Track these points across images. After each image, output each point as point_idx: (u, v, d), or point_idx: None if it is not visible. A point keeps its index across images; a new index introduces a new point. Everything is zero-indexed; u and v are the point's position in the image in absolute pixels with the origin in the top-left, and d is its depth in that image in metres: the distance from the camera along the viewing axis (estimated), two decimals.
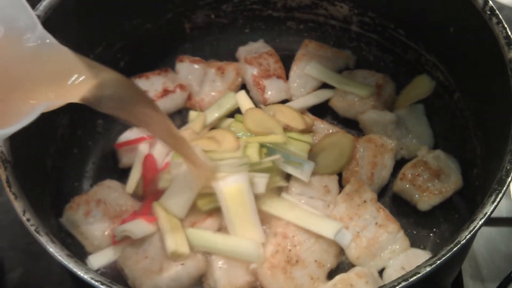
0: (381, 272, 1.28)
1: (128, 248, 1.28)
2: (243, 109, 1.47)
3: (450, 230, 1.32)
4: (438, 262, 0.93)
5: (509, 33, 1.17)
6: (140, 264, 1.25)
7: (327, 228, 1.27)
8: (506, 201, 1.54)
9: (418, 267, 0.93)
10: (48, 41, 1.00)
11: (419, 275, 0.92)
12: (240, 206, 1.27)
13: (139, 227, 1.29)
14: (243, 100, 1.50)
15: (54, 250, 0.99)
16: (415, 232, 1.35)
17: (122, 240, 1.29)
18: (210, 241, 1.27)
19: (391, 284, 0.91)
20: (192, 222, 1.31)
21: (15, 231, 1.54)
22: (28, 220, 1.03)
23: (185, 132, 1.43)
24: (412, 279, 0.92)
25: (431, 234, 1.34)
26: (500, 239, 1.50)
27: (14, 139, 1.14)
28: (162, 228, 1.27)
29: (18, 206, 1.04)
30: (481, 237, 1.48)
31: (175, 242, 1.25)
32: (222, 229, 1.30)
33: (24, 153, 1.18)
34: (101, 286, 0.94)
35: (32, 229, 1.01)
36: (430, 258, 0.94)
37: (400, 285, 0.92)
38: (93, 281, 0.94)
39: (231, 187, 1.26)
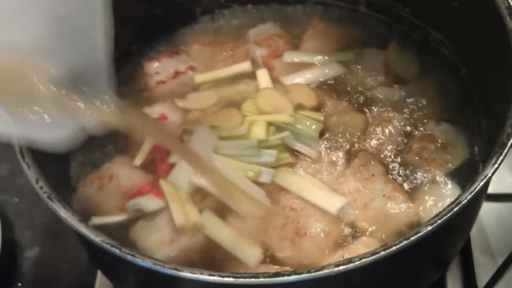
0: None
1: (140, 221, 1.31)
2: (260, 87, 1.49)
3: None
4: (439, 221, 0.94)
5: (511, 3, 1.18)
6: (152, 236, 1.28)
7: (331, 203, 1.29)
8: None
9: (419, 226, 0.95)
10: None
11: (420, 233, 0.94)
12: (230, 190, 1.29)
13: (150, 201, 1.32)
14: (262, 79, 1.51)
15: (66, 215, 1.02)
16: None
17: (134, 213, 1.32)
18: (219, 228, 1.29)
19: (393, 243, 0.93)
20: (202, 196, 1.33)
21: (33, 211, 1.59)
22: (41, 188, 1.06)
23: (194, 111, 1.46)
24: (413, 238, 0.93)
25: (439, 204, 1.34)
26: (509, 214, 1.51)
27: None
28: (169, 203, 1.30)
29: (31, 175, 1.07)
30: (491, 212, 1.50)
31: (183, 216, 1.28)
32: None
33: None
34: (112, 248, 0.96)
35: (44, 196, 1.04)
36: (431, 218, 0.95)
37: (401, 244, 0.93)
38: (104, 244, 0.97)
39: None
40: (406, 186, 1.35)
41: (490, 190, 1.48)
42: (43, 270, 1.53)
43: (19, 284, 1.50)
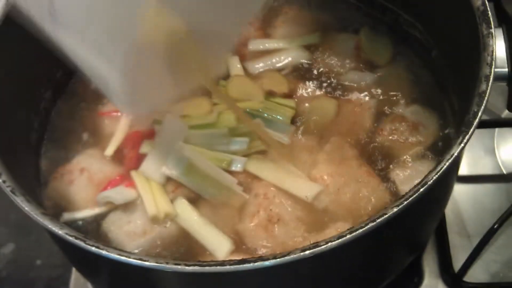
0: None
1: (112, 213, 1.30)
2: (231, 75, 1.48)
3: None
4: (405, 202, 0.94)
5: None
6: (124, 228, 1.27)
7: (305, 190, 1.29)
8: (491, 159, 1.55)
9: (386, 208, 0.94)
10: None
11: (386, 215, 0.93)
12: (202, 180, 1.30)
13: (121, 193, 1.30)
14: (234, 67, 1.50)
15: (29, 209, 1.00)
16: None
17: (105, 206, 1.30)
18: (191, 217, 1.28)
19: (358, 226, 0.92)
20: (175, 186, 1.32)
21: (7, 208, 1.57)
22: (4, 182, 1.04)
23: None
24: (379, 220, 0.92)
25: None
26: (485, 196, 1.52)
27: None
28: (141, 194, 1.29)
29: None
30: (466, 194, 1.50)
31: (155, 206, 1.27)
32: None
33: (4, 123, 1.20)
34: (76, 241, 0.95)
35: (7, 190, 1.03)
36: (397, 199, 0.95)
37: (368, 226, 0.92)
38: (67, 236, 0.96)
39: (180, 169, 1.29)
40: (379, 168, 1.34)
41: (465, 171, 1.49)
42: (18, 266, 1.52)
43: None
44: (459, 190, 1.47)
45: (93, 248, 0.94)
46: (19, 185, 1.06)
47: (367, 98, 1.43)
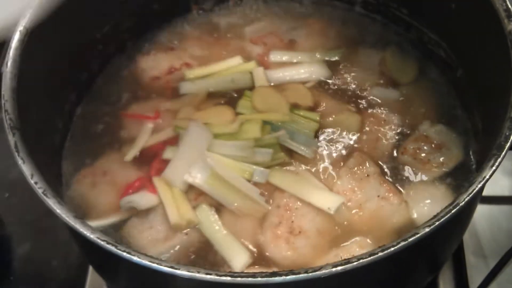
0: None
1: (134, 218, 1.30)
2: (256, 85, 1.49)
3: None
4: (437, 223, 0.94)
5: (509, 6, 1.18)
6: (145, 234, 1.27)
7: (328, 202, 1.29)
8: (509, 180, 1.55)
9: (417, 228, 0.94)
10: None
11: (418, 235, 0.93)
12: (225, 189, 1.29)
13: (143, 198, 1.31)
14: (259, 77, 1.50)
15: (61, 211, 1.00)
16: None
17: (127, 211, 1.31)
18: (212, 225, 1.28)
19: (390, 244, 0.92)
20: (196, 194, 1.32)
21: (24, 207, 1.57)
22: (36, 183, 1.04)
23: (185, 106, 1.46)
24: (411, 239, 0.93)
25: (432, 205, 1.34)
26: (502, 217, 1.52)
27: (22, 108, 1.17)
28: (163, 201, 1.29)
29: (26, 169, 1.05)
30: (483, 215, 1.50)
31: (177, 214, 1.28)
32: None
33: (32, 124, 1.20)
34: (107, 246, 0.95)
35: (39, 191, 1.03)
36: (429, 220, 0.95)
37: (400, 245, 0.92)
38: (99, 240, 0.96)
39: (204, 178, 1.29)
40: (400, 186, 1.34)
41: (483, 192, 1.48)
42: (34, 266, 1.51)
43: (11, 278, 1.49)
44: (476, 210, 1.46)
45: (125, 254, 0.95)
46: (47, 182, 1.06)
47: (390, 115, 1.42)
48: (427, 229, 0.94)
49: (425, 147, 1.37)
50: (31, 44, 1.24)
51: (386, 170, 1.37)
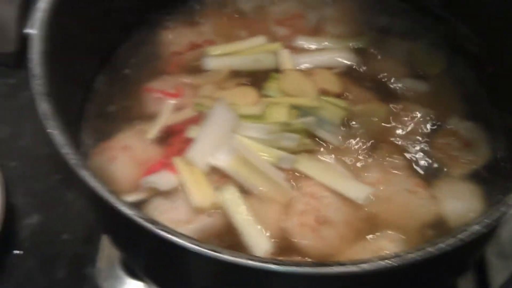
0: None
1: (155, 198, 1.26)
2: (282, 68, 1.44)
3: None
4: (491, 221, 0.91)
5: None
6: (168, 214, 1.23)
7: (356, 192, 1.26)
8: None
9: (467, 225, 0.92)
10: None
11: (466, 233, 0.90)
12: (250, 172, 1.25)
13: (165, 179, 1.26)
14: (285, 59, 1.46)
15: (95, 185, 0.96)
16: None
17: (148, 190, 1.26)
18: (237, 209, 1.24)
19: (445, 243, 0.89)
20: (219, 176, 1.28)
21: (34, 177, 1.52)
22: (67, 154, 0.99)
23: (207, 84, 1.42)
24: (463, 237, 0.90)
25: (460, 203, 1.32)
26: None
27: (50, 74, 1.12)
28: (185, 182, 1.25)
29: (58, 139, 1.01)
30: None
31: (200, 196, 1.23)
32: None
33: (58, 92, 1.15)
34: (145, 223, 0.91)
35: (72, 162, 0.98)
36: (481, 217, 0.92)
37: (437, 246, 0.90)
38: (136, 217, 0.92)
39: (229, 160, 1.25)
40: (428, 181, 1.31)
41: None
42: (43, 239, 1.47)
43: (16, 252, 1.43)
44: None
45: (162, 233, 0.91)
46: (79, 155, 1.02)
47: (419, 107, 1.40)
48: (477, 227, 0.91)
49: (454, 143, 1.35)
50: (60, 6, 1.18)
51: (414, 163, 1.34)
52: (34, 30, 1.14)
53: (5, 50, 1.06)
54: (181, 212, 1.23)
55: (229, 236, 1.24)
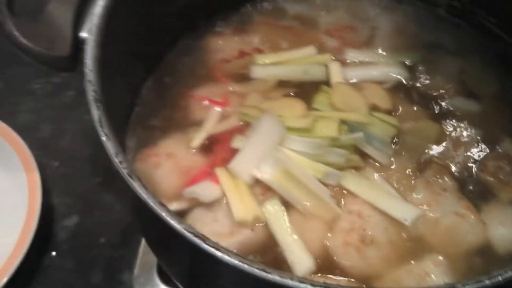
0: None
1: (197, 209, 1.24)
2: (332, 81, 1.41)
3: None
4: None
5: None
6: (209, 227, 1.21)
7: (404, 213, 1.23)
8: None
9: None
10: None
11: None
12: (295, 187, 1.22)
13: (208, 190, 1.24)
14: (335, 72, 1.43)
15: (146, 196, 0.94)
16: None
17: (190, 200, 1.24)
18: (282, 224, 1.21)
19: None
20: (263, 189, 1.25)
21: (74, 178, 1.51)
22: (120, 162, 0.98)
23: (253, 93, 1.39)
24: None
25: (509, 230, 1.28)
26: None
27: (103, 80, 1.10)
28: (227, 194, 1.22)
29: (111, 147, 0.99)
30: None
31: (243, 209, 1.21)
32: None
33: (110, 97, 1.14)
34: (194, 238, 0.89)
35: (124, 172, 0.96)
36: None
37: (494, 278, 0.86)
38: (185, 232, 0.90)
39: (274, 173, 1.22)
40: (477, 205, 1.28)
41: None
42: (80, 241, 1.45)
43: (54, 253, 1.42)
44: None
45: (211, 249, 0.89)
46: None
47: (471, 127, 1.36)
48: None
49: (505, 167, 1.31)
50: (114, 11, 1.17)
51: (463, 185, 1.31)
52: (89, 35, 1.13)
53: (61, 53, 1.05)
54: (223, 225, 1.21)
55: (269, 250, 1.21)
